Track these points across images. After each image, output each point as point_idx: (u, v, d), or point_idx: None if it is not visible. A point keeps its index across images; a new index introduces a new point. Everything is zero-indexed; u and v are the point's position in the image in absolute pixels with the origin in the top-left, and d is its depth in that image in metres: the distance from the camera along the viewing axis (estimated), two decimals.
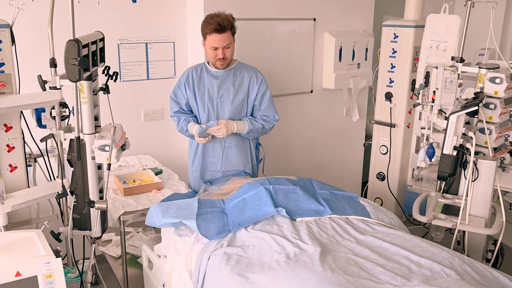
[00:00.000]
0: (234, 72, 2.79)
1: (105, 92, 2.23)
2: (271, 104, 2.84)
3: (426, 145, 2.90)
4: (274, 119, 2.84)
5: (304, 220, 2.25)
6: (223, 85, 2.77)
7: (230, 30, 2.65)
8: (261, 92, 2.81)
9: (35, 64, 2.53)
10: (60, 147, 2.24)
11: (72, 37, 1.93)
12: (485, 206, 2.55)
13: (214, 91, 2.78)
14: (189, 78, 2.81)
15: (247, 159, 2.91)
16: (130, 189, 2.74)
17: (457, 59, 2.95)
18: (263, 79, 2.83)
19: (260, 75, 2.83)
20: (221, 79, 2.78)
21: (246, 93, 2.79)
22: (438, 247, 2.04)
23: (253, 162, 2.95)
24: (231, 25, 2.66)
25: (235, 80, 2.78)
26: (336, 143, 4.12)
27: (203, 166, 2.91)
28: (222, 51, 2.67)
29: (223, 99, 2.78)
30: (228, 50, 2.69)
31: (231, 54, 2.73)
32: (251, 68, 2.84)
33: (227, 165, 2.88)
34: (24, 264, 1.55)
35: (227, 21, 2.62)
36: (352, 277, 1.78)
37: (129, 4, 3.18)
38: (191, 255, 2.15)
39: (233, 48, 2.74)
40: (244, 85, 2.79)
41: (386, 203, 3.95)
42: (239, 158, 2.88)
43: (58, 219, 2.42)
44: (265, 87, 2.82)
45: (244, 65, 2.85)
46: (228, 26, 2.63)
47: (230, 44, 2.68)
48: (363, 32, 3.91)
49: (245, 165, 2.90)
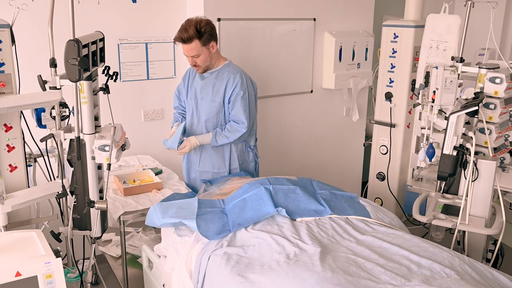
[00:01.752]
0: (217, 74, 2.76)
1: (105, 92, 2.23)
2: (241, 109, 2.73)
3: (426, 145, 2.90)
4: (242, 126, 2.74)
5: (304, 220, 2.25)
6: (205, 87, 2.78)
7: (197, 40, 2.58)
8: (234, 95, 2.72)
9: (35, 64, 2.53)
10: (60, 147, 2.24)
11: (72, 37, 1.93)
12: (485, 206, 2.55)
13: (198, 92, 2.81)
14: (186, 75, 2.91)
15: (223, 162, 2.86)
16: (130, 189, 2.74)
17: (457, 59, 2.95)
18: (239, 82, 2.71)
19: (238, 77, 2.71)
20: (204, 81, 2.78)
21: (223, 95, 2.74)
22: (438, 247, 2.04)
23: (232, 166, 2.88)
24: (198, 36, 2.57)
25: (216, 82, 2.75)
26: (336, 143, 4.12)
27: (188, 163, 2.97)
28: (191, 59, 2.66)
29: (203, 100, 2.79)
30: (198, 58, 2.65)
31: (204, 61, 2.68)
32: (234, 70, 2.76)
33: (203, 166, 2.89)
34: (24, 264, 1.55)
35: (189, 33, 2.56)
36: (352, 277, 1.78)
37: (129, 4, 3.17)
38: (191, 255, 2.15)
39: (206, 56, 2.66)
40: (222, 88, 2.74)
41: (386, 203, 3.95)
42: (214, 160, 2.86)
43: (58, 219, 2.42)
44: (239, 89, 2.70)
45: (230, 67, 2.77)
46: (190, 38, 2.57)
47: (198, 54, 2.63)
48: (363, 32, 3.91)
49: (220, 168, 2.87)
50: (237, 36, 3.31)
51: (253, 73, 3.43)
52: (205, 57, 2.68)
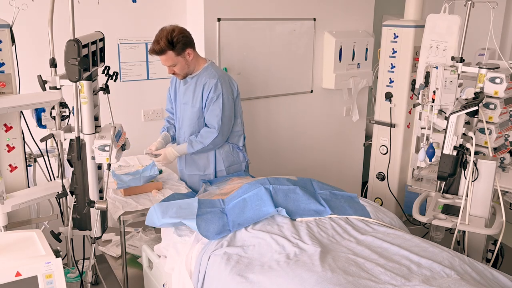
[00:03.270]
0: (197, 79, 2.74)
1: (105, 92, 2.23)
2: (213, 114, 2.70)
3: (426, 145, 2.90)
4: (213, 130, 2.71)
5: (304, 220, 2.25)
6: (186, 92, 2.78)
7: (170, 51, 2.56)
8: (209, 100, 2.69)
9: (35, 64, 2.53)
10: (60, 147, 2.24)
11: (72, 37, 1.93)
12: (485, 206, 2.55)
13: (181, 97, 2.82)
14: (173, 78, 2.91)
15: (208, 164, 2.87)
16: (130, 189, 2.73)
17: (457, 59, 2.95)
18: (213, 87, 2.66)
19: (213, 82, 2.66)
20: (186, 86, 2.78)
21: (201, 100, 2.73)
22: (438, 247, 2.04)
23: (218, 168, 2.87)
24: (170, 47, 2.55)
25: (196, 88, 2.74)
26: (336, 143, 4.12)
27: (180, 165, 2.99)
28: (169, 68, 2.66)
29: (186, 105, 2.79)
30: (175, 67, 2.65)
31: (181, 70, 2.67)
32: (211, 74, 2.70)
33: (190, 169, 2.92)
34: (24, 264, 1.55)
35: (160, 45, 2.54)
36: (352, 277, 1.78)
37: (129, 4, 3.17)
38: (191, 255, 2.15)
39: (183, 64, 2.64)
40: (200, 93, 2.72)
41: (386, 203, 3.95)
42: (199, 163, 2.87)
43: (58, 219, 2.42)
44: (213, 94, 2.66)
45: (207, 71, 2.72)
46: (161, 50, 2.55)
47: (173, 64, 2.62)
48: (363, 32, 3.91)
49: (205, 169, 2.88)
50: (237, 36, 3.31)
51: (252, 73, 3.44)
52: (182, 66, 2.66)
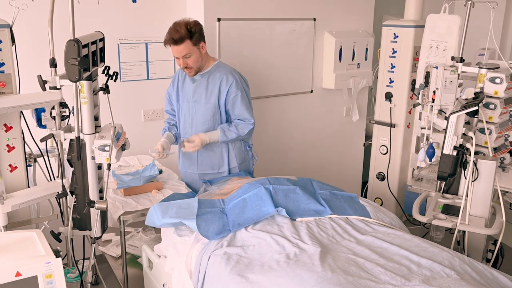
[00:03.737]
0: (209, 76, 2.75)
1: (105, 92, 2.23)
2: (243, 108, 2.74)
3: (426, 145, 2.90)
4: (249, 122, 2.76)
5: (304, 220, 2.25)
6: (197, 89, 2.76)
7: (188, 40, 2.59)
8: (232, 96, 2.72)
9: (35, 64, 2.53)
10: (60, 147, 2.24)
11: (72, 37, 1.93)
12: (485, 206, 2.55)
13: (190, 95, 2.79)
14: (175, 79, 2.89)
15: (222, 162, 2.86)
16: (130, 189, 2.74)
17: (457, 59, 2.95)
18: (234, 82, 2.71)
19: (232, 78, 2.71)
20: (196, 83, 2.77)
21: (217, 97, 2.73)
22: (438, 247, 2.04)
23: (231, 165, 2.88)
24: (189, 35, 2.58)
25: (208, 84, 2.74)
26: (336, 143, 4.12)
27: (183, 167, 2.95)
28: (183, 60, 2.65)
29: (197, 103, 2.77)
30: (190, 59, 2.65)
31: (195, 62, 2.68)
32: (226, 70, 2.75)
33: (201, 168, 2.88)
34: (24, 264, 1.55)
35: (180, 33, 2.56)
36: (352, 277, 1.78)
37: (129, 4, 3.17)
38: (191, 255, 2.15)
39: (197, 56, 2.66)
40: (215, 89, 2.73)
41: (386, 203, 3.95)
42: (213, 161, 2.86)
43: (58, 219, 2.42)
44: (235, 90, 2.70)
45: (221, 67, 2.77)
46: (181, 38, 2.57)
47: (189, 54, 2.63)
48: (363, 32, 3.91)
49: (219, 167, 2.87)
50: (237, 36, 3.31)
51: (253, 73, 3.44)
52: (196, 58, 2.67)
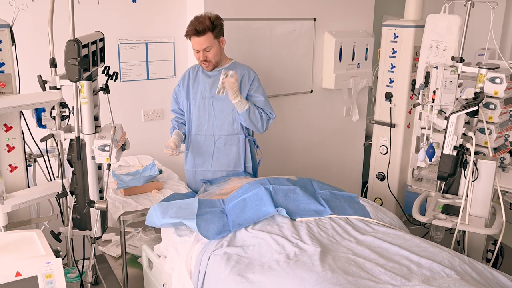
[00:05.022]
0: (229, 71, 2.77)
1: (105, 92, 2.23)
2: (266, 102, 2.79)
3: (426, 145, 2.90)
4: (271, 115, 2.81)
5: (304, 220, 2.25)
6: (215, 84, 2.75)
7: (210, 32, 2.62)
8: (253, 90, 2.77)
9: (35, 64, 2.53)
10: (60, 147, 2.24)
11: (72, 37, 1.93)
12: (485, 206, 2.55)
13: (206, 90, 2.79)
14: (185, 77, 2.88)
15: (239, 160, 2.87)
16: (130, 189, 2.74)
17: (457, 59, 2.95)
18: (256, 77, 2.78)
19: (253, 74, 2.79)
20: (213, 78, 2.78)
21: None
22: (438, 247, 2.04)
23: (247, 163, 2.89)
24: (212, 28, 2.62)
25: None
26: (336, 143, 4.12)
27: (195, 165, 2.92)
28: (203, 53, 2.67)
29: (215, 98, 2.77)
30: (210, 52, 2.67)
31: (215, 56, 2.70)
32: (245, 67, 2.81)
33: (217, 165, 2.87)
34: (24, 264, 1.55)
35: (204, 25, 2.59)
36: (352, 277, 1.78)
37: (129, 4, 3.17)
38: (191, 255, 2.15)
39: (217, 49, 2.70)
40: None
41: (386, 203, 3.95)
42: (230, 158, 2.85)
43: (58, 219, 2.42)
44: (258, 84, 2.78)
45: (238, 65, 2.83)
46: (204, 29, 2.60)
47: (210, 47, 2.65)
48: (363, 32, 3.91)
49: (235, 165, 2.87)
50: (237, 36, 3.31)
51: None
52: (216, 51, 2.70)
